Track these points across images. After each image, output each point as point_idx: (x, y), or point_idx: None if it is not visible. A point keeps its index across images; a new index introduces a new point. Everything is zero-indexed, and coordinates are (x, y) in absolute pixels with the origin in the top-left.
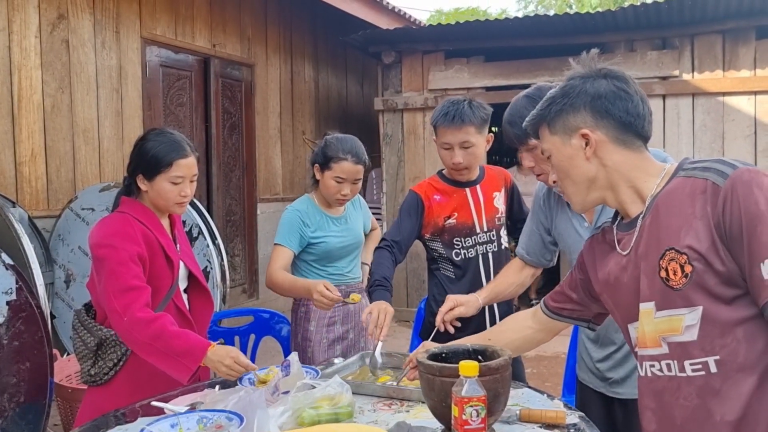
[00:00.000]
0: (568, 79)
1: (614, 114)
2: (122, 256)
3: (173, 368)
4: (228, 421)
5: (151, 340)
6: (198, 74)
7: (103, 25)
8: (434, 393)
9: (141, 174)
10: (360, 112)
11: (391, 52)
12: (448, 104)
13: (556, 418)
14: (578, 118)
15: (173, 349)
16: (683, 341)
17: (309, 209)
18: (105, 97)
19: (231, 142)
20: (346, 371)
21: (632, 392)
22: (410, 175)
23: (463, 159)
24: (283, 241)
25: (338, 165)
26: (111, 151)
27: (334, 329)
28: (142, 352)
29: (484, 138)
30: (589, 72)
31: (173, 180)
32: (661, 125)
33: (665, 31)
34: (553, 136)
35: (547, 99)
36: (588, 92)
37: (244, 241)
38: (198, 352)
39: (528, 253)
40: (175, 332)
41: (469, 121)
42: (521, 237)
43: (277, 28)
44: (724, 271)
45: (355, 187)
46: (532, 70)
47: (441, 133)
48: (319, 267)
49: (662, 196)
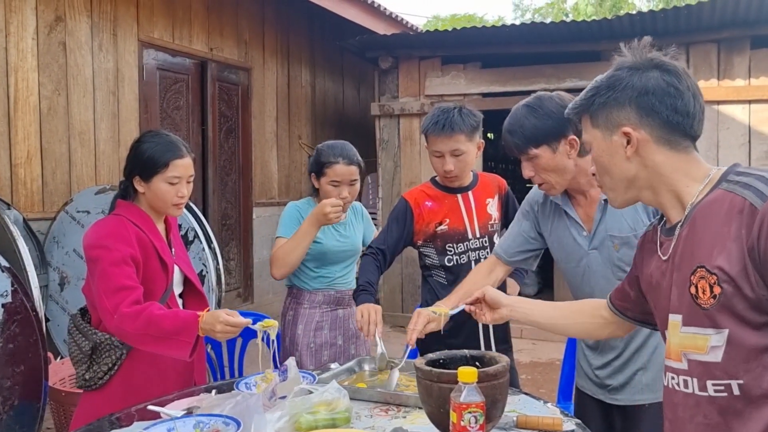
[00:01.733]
0: (616, 68)
1: (661, 112)
2: (115, 257)
3: (172, 348)
4: (225, 426)
5: (144, 329)
6: (195, 77)
7: (101, 28)
8: (432, 399)
9: (137, 175)
10: (356, 117)
11: (388, 57)
12: (438, 112)
13: (553, 424)
14: (622, 114)
15: (166, 330)
16: (707, 361)
17: (310, 209)
18: (101, 100)
19: (227, 146)
20: (343, 376)
21: (631, 398)
22: (406, 180)
23: (454, 167)
24: (285, 234)
25: (331, 169)
26: (107, 153)
27: (321, 334)
28: (138, 343)
29: (475, 145)
30: (638, 62)
31: (170, 180)
32: None
33: (661, 39)
34: (595, 129)
35: (592, 88)
36: (635, 86)
37: (239, 245)
38: (191, 326)
39: (507, 253)
40: (163, 314)
41: (459, 129)
42: (502, 237)
43: (275, 33)
44: (754, 297)
45: (353, 189)
46: (528, 76)
47: (432, 141)
48: (312, 269)
49: (701, 208)
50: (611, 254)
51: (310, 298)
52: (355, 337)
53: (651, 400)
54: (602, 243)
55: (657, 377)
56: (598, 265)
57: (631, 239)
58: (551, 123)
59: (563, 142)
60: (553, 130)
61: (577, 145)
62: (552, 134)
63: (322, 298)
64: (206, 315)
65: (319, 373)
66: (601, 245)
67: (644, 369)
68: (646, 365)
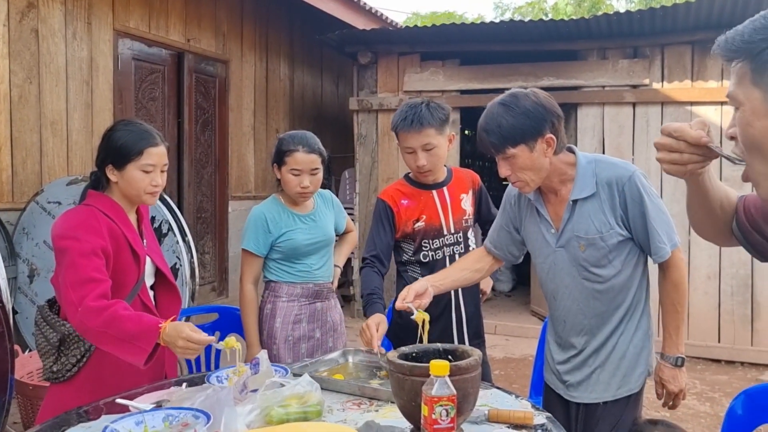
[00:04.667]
0: None
1: None
2: (84, 248)
3: (129, 352)
4: (195, 419)
5: (104, 327)
6: (171, 69)
7: (75, 16)
8: (404, 392)
9: (111, 164)
10: (335, 112)
11: (367, 52)
12: (407, 108)
13: (524, 418)
14: None
15: (126, 332)
16: None
17: (274, 208)
18: (75, 89)
19: (203, 139)
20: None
21: (588, 396)
22: (384, 175)
23: (427, 161)
24: (250, 247)
25: (291, 157)
26: (80, 144)
27: (299, 327)
28: (97, 341)
29: (445, 138)
30: None
31: (144, 168)
32: (631, 133)
33: (637, 40)
34: (754, 88)
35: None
36: None
37: (214, 239)
38: (151, 333)
39: (495, 246)
40: (127, 316)
41: (428, 124)
42: (491, 230)
43: (253, 25)
44: None
45: (314, 178)
46: (506, 74)
47: (402, 137)
48: (286, 264)
49: None
50: (577, 254)
51: (288, 291)
52: (332, 330)
53: (607, 398)
54: (568, 242)
55: (614, 376)
56: (563, 263)
57: (597, 241)
58: (529, 122)
59: (540, 140)
60: (531, 129)
61: (554, 143)
62: (529, 133)
63: (300, 291)
64: (169, 326)
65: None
66: (567, 244)
67: (602, 367)
68: (604, 364)
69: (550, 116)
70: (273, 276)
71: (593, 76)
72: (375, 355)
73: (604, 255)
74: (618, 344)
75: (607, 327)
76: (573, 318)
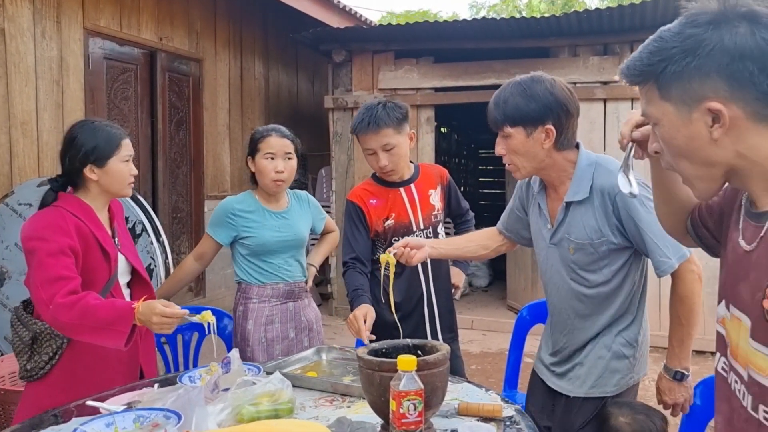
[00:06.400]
0: (689, 22)
1: (759, 82)
2: (52, 248)
3: (108, 338)
4: (165, 420)
5: (79, 319)
6: (144, 68)
7: (43, 14)
8: (373, 388)
9: (91, 164)
10: (310, 110)
11: (342, 50)
12: (363, 111)
13: (493, 411)
14: (706, 86)
15: (101, 320)
16: (764, 384)
17: (246, 202)
18: (45, 89)
19: (178, 138)
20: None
21: (568, 388)
22: (360, 173)
23: (388, 161)
24: (210, 231)
25: (264, 142)
26: (51, 144)
27: (272, 328)
28: (74, 333)
29: (405, 137)
30: (723, 13)
31: (124, 159)
32: (602, 128)
33: (607, 37)
34: (665, 103)
35: (658, 49)
36: (726, 50)
37: (190, 239)
38: (126, 316)
39: (506, 229)
40: (100, 304)
41: (385, 124)
42: (503, 213)
43: (227, 23)
44: None
45: (289, 164)
46: (479, 72)
47: (362, 140)
48: (252, 261)
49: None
50: (566, 255)
51: (258, 293)
52: (307, 329)
53: (580, 394)
54: (560, 242)
55: (589, 374)
56: (555, 261)
57: (586, 246)
58: (534, 107)
59: (540, 129)
60: (534, 114)
61: (553, 135)
62: (530, 118)
63: (270, 291)
64: (142, 305)
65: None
66: (559, 243)
67: (581, 364)
68: (583, 361)
69: (558, 108)
70: (242, 275)
71: (564, 72)
72: (348, 352)
73: (593, 261)
74: (596, 348)
75: (589, 331)
76: (558, 315)
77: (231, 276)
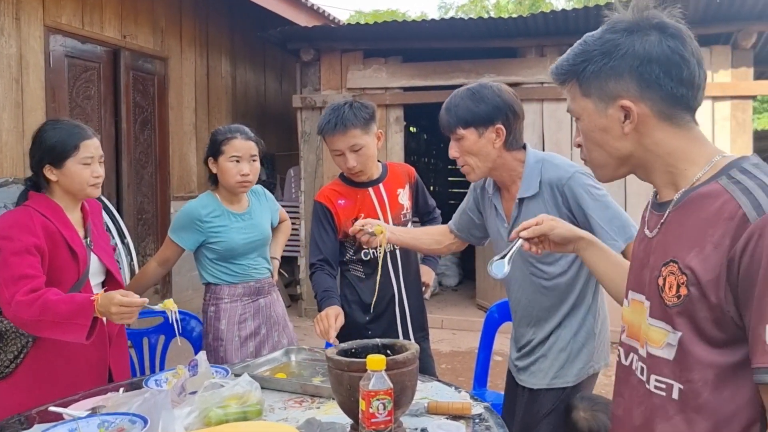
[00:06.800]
0: (609, 28)
1: (665, 84)
2: (17, 247)
3: (69, 332)
4: (131, 424)
5: (39, 315)
6: (107, 66)
7: (1, 11)
8: (343, 388)
9: (48, 164)
10: (278, 110)
11: (310, 49)
12: (330, 111)
13: (462, 409)
14: (620, 86)
15: (61, 314)
16: (658, 356)
17: (210, 205)
18: (3, 88)
19: (143, 138)
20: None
21: (530, 381)
22: (328, 173)
23: (356, 162)
24: (174, 236)
25: (229, 144)
26: (10, 144)
27: (246, 326)
28: (36, 330)
29: (372, 136)
30: (637, 22)
31: (83, 161)
32: (569, 128)
33: (573, 38)
34: (585, 99)
35: (582, 52)
36: (636, 54)
37: (156, 240)
38: (86, 309)
39: (457, 228)
40: (59, 299)
41: (352, 125)
42: (455, 213)
43: (193, 21)
44: (718, 311)
45: (254, 166)
46: (448, 71)
47: (329, 141)
48: (221, 264)
49: (692, 198)
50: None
51: (230, 292)
52: (278, 324)
53: (542, 386)
54: None
55: (551, 366)
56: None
57: None
58: (483, 108)
59: (490, 128)
60: (484, 115)
61: (503, 134)
62: (481, 119)
63: (242, 290)
64: (101, 297)
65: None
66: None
67: (545, 357)
68: (546, 354)
69: (506, 109)
70: (211, 278)
71: (532, 72)
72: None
73: (549, 252)
74: (560, 338)
75: (552, 321)
76: (522, 310)
77: (198, 278)
